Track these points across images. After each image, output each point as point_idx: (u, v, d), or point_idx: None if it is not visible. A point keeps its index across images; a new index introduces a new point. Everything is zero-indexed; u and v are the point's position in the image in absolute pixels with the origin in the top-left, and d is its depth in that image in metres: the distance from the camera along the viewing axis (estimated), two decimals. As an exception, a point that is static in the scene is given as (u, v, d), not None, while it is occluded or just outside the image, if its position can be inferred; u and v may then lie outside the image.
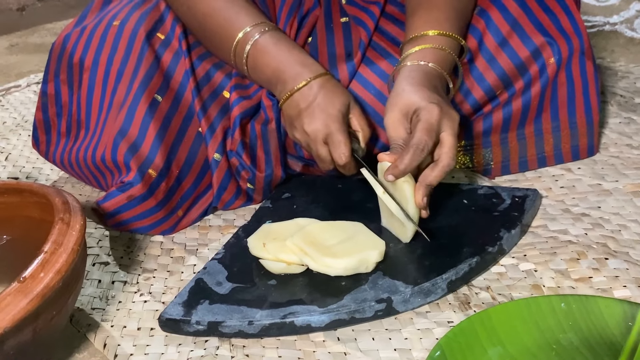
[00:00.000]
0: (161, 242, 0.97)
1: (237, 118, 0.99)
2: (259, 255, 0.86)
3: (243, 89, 1.01)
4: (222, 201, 1.01)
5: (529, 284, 0.84)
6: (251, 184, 1.01)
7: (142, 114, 0.96)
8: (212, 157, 0.98)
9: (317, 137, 0.92)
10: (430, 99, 0.87)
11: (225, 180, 0.99)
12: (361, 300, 0.80)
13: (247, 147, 0.99)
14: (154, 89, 0.97)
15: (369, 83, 1.01)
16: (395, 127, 0.89)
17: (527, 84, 1.02)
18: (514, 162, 1.06)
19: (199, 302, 0.82)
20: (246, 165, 0.99)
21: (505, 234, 0.88)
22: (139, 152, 0.95)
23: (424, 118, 0.86)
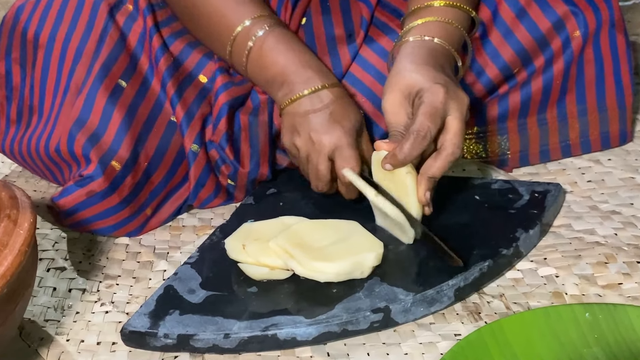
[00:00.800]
0: (126, 244, 0.97)
1: (224, 106, 0.98)
2: (238, 258, 0.86)
3: (230, 74, 1.00)
4: (199, 199, 1.00)
5: (549, 291, 0.84)
6: (232, 180, 1.00)
7: (103, 101, 0.95)
8: (189, 149, 0.97)
9: (323, 149, 0.91)
10: (434, 79, 0.87)
11: (203, 175, 0.99)
12: (355, 309, 0.79)
13: (231, 139, 0.98)
14: (117, 74, 0.96)
15: (368, 63, 1.00)
16: (394, 111, 0.88)
17: (548, 61, 1.02)
18: (533, 151, 1.05)
19: (168, 312, 0.81)
20: (228, 160, 0.98)
21: (523, 235, 0.88)
22: (101, 143, 0.94)
23: (427, 100, 0.85)
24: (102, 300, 0.88)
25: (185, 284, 0.85)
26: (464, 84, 1.00)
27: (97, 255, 0.95)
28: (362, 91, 1.00)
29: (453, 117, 0.86)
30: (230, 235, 0.89)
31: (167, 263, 0.93)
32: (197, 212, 1.03)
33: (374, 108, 1.00)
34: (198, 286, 0.85)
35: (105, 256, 0.95)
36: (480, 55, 1.01)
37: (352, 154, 0.91)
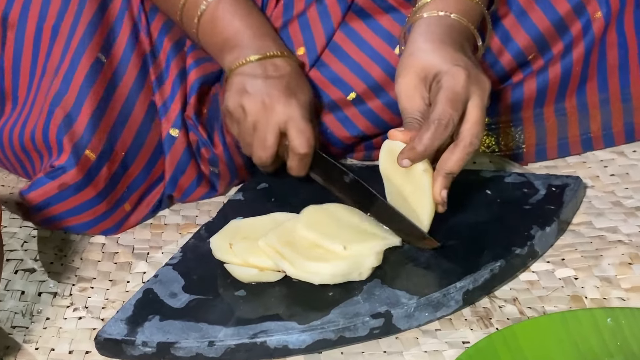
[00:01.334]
0: (103, 244, 0.97)
1: (195, 83, 0.98)
2: (224, 259, 0.86)
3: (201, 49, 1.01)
4: (179, 188, 1.00)
5: (567, 294, 0.84)
6: (213, 166, 1.00)
7: (82, 76, 0.95)
8: (166, 133, 0.98)
9: (275, 117, 0.92)
10: (454, 61, 0.86)
11: (183, 161, 0.99)
12: (353, 314, 0.79)
13: (202, 116, 0.99)
14: (97, 46, 0.96)
15: (364, 41, 1.00)
16: (409, 96, 0.87)
17: (567, 46, 1.01)
18: (551, 144, 1.05)
19: (147, 318, 0.81)
20: (203, 139, 0.99)
21: (538, 232, 0.88)
22: (74, 127, 0.94)
23: (447, 85, 0.84)
24: (75, 305, 0.87)
25: (167, 287, 0.85)
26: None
27: (70, 255, 0.94)
28: (357, 72, 1.00)
29: (473, 104, 0.85)
30: (216, 233, 0.88)
31: (147, 264, 0.93)
32: (180, 208, 1.02)
33: (368, 90, 1.00)
34: (180, 289, 0.85)
35: (79, 257, 0.94)
36: (493, 40, 1.00)
37: (308, 127, 0.92)
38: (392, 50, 0.98)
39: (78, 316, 0.86)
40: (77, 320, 0.85)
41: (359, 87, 1.00)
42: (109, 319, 0.83)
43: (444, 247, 0.86)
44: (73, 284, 0.90)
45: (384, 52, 0.99)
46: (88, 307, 0.87)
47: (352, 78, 1.00)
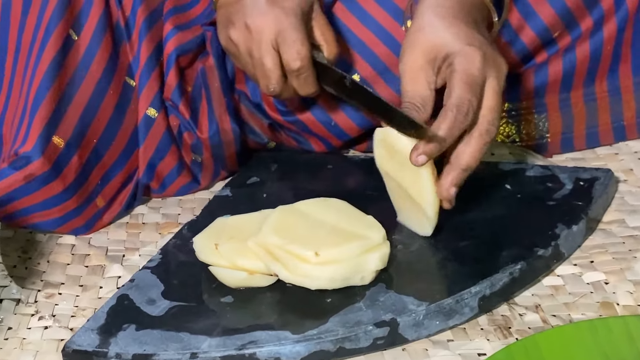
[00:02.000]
0: (72, 244, 0.97)
1: (171, 55, 0.99)
2: (209, 260, 0.86)
3: (181, 12, 1.02)
4: (157, 177, 1.01)
5: (596, 301, 0.83)
6: (196, 153, 1.01)
7: (51, 55, 0.95)
8: (143, 113, 0.98)
9: (262, 35, 0.92)
10: (468, 40, 0.86)
11: (162, 146, 1.00)
12: (354, 323, 0.79)
13: (186, 95, 0.99)
14: (68, 22, 0.96)
15: (369, 16, 1.00)
16: (413, 77, 0.87)
17: (597, 22, 1.02)
18: (579, 133, 1.05)
19: (122, 327, 0.81)
20: (185, 121, 0.99)
21: (564, 232, 0.88)
22: (40, 110, 0.94)
23: (461, 67, 0.84)
24: (40, 313, 0.87)
25: (144, 292, 0.85)
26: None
27: (36, 257, 0.95)
28: (360, 52, 1.00)
29: (489, 88, 0.85)
30: (200, 232, 0.88)
31: (122, 268, 0.93)
32: (160, 206, 1.03)
33: (374, 72, 1.00)
34: (159, 295, 0.85)
35: (45, 259, 0.95)
36: (513, 15, 1.00)
37: (298, 37, 0.91)
38: (399, 27, 0.99)
39: (44, 325, 0.86)
40: (43, 330, 0.85)
41: (364, 69, 1.00)
42: (78, 328, 0.83)
43: (458, 248, 0.86)
44: (39, 289, 0.90)
45: (391, 29, 0.99)
46: (55, 316, 0.87)
47: (355, 58, 1.00)
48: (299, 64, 0.92)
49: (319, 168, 1.03)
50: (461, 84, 0.84)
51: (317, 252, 0.81)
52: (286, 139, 1.06)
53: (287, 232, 0.83)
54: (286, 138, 1.06)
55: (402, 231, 0.90)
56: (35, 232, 0.97)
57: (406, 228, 0.90)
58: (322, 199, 0.88)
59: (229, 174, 1.05)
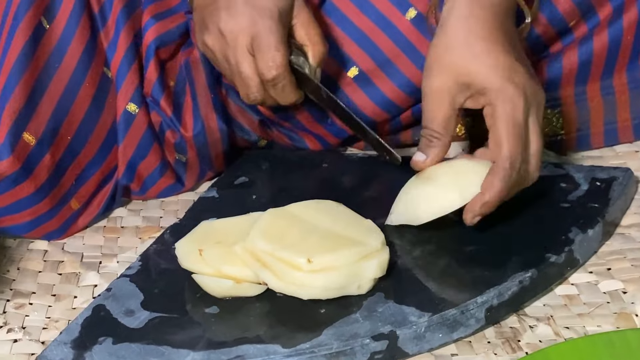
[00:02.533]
0: (44, 250, 0.97)
1: (150, 46, 1.00)
2: (193, 268, 0.86)
3: (161, 1, 1.02)
4: (137, 178, 1.01)
5: (613, 311, 0.84)
6: (180, 153, 1.01)
7: (21, 44, 0.95)
8: (123, 109, 0.98)
9: (237, 40, 0.92)
10: (508, 74, 0.86)
11: (143, 144, 1.00)
12: (350, 336, 0.79)
13: (168, 90, 1.00)
14: (39, 9, 0.96)
15: (369, 4, 1.00)
16: (439, 98, 0.87)
17: (617, 10, 1.02)
18: (596, 130, 1.06)
19: (97, 340, 0.81)
20: (167, 118, 1.00)
21: (579, 236, 0.88)
22: (10, 103, 0.94)
23: (506, 114, 0.85)
24: (9, 325, 0.87)
25: (122, 302, 0.85)
26: None
27: (5, 264, 0.94)
28: (359, 41, 1.00)
29: (533, 132, 0.87)
30: (184, 237, 0.88)
31: (99, 276, 0.93)
32: (140, 207, 1.03)
33: (374, 65, 1.00)
34: (139, 306, 0.85)
35: (15, 266, 0.95)
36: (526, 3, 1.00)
37: (272, 41, 0.90)
38: (402, 16, 0.99)
39: (13, 338, 0.85)
40: (12, 343, 0.85)
41: (363, 62, 1.01)
42: (50, 341, 0.83)
43: (464, 253, 0.86)
44: (7, 299, 0.90)
45: (393, 17, 1.00)
46: (25, 328, 0.87)
47: (354, 49, 1.01)
48: (273, 73, 0.91)
49: (313, 167, 1.03)
50: (510, 137, 0.84)
51: (309, 259, 0.81)
52: (278, 137, 1.07)
53: (278, 237, 0.83)
54: (278, 135, 1.06)
55: (403, 236, 0.90)
56: (3, 236, 0.97)
57: (408, 232, 0.90)
58: (316, 201, 0.89)
59: (215, 174, 1.06)
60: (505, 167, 0.85)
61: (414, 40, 0.99)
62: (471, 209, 0.85)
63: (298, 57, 0.94)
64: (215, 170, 1.05)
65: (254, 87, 0.93)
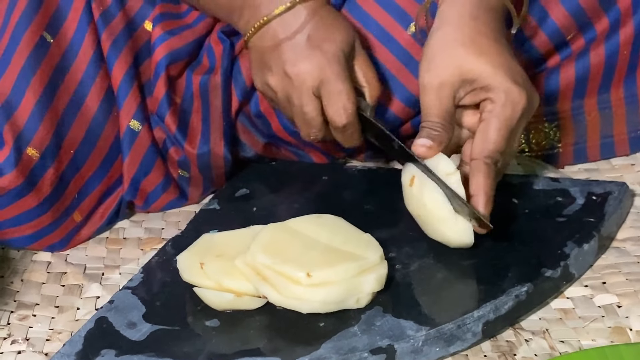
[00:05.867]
0: (49, 262, 0.97)
1: (161, 62, 0.99)
2: (194, 281, 0.86)
3: (173, 19, 1.02)
4: (141, 194, 1.01)
5: (607, 326, 0.84)
6: (183, 170, 1.01)
7: (23, 58, 0.95)
8: (126, 125, 0.98)
9: (304, 84, 0.92)
10: (513, 76, 0.87)
11: (147, 160, 1.00)
12: (348, 349, 0.79)
13: (174, 106, 0.99)
14: (41, 24, 0.97)
15: (369, 17, 1.00)
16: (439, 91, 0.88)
17: (613, 24, 1.02)
18: (592, 143, 1.06)
19: (100, 352, 0.81)
20: (171, 136, 1.00)
21: (575, 251, 0.88)
22: (14, 118, 0.94)
23: (503, 114, 0.86)
24: (13, 337, 0.87)
25: (124, 315, 0.85)
26: None
27: (9, 276, 0.95)
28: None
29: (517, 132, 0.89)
30: (185, 250, 0.88)
31: (102, 287, 0.93)
32: (142, 219, 1.03)
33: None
34: (141, 318, 0.85)
35: (19, 278, 0.95)
36: (525, 15, 1.01)
37: (342, 88, 0.91)
38: (403, 30, 0.99)
39: (17, 350, 0.86)
40: (16, 355, 0.85)
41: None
42: (54, 353, 0.83)
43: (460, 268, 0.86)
44: (11, 311, 0.90)
45: (395, 32, 0.99)
46: (29, 339, 0.87)
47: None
48: (345, 121, 0.92)
49: (313, 180, 1.03)
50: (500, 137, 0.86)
51: (309, 273, 0.81)
52: (285, 154, 1.07)
53: (278, 251, 0.84)
54: (285, 153, 1.07)
55: (401, 249, 0.90)
56: (7, 248, 0.97)
57: (406, 245, 0.90)
58: (315, 215, 0.89)
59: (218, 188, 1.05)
60: (488, 162, 0.86)
61: (415, 54, 0.98)
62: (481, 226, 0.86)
63: (360, 99, 0.94)
64: (217, 186, 1.05)
65: (317, 127, 0.94)
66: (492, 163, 0.86)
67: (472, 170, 0.86)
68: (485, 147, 0.86)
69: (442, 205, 0.86)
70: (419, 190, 0.88)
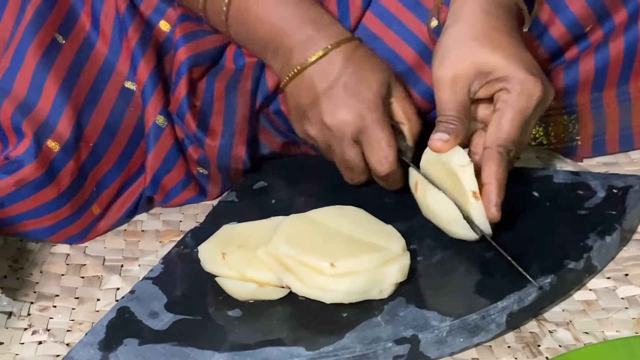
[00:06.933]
0: (67, 254, 0.97)
1: (183, 65, 0.99)
2: (216, 271, 0.86)
3: (193, 22, 1.02)
4: (162, 189, 1.01)
5: (631, 317, 0.84)
6: (203, 167, 1.02)
7: (35, 60, 0.96)
8: (152, 121, 0.99)
9: (344, 134, 0.93)
10: (529, 67, 0.88)
11: (170, 157, 1.00)
12: (372, 339, 0.79)
13: (194, 107, 1.00)
14: (53, 25, 0.97)
15: (389, 13, 1.00)
16: (454, 83, 0.89)
17: (632, 15, 1.02)
18: (612, 136, 1.06)
19: (122, 341, 0.81)
20: (190, 134, 1.00)
21: (597, 243, 0.88)
22: (34, 113, 0.95)
23: (518, 104, 0.87)
24: (34, 327, 0.87)
25: (146, 305, 0.86)
26: None
27: (28, 267, 0.95)
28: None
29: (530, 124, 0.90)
30: (206, 240, 0.89)
31: (121, 279, 0.93)
32: (160, 212, 1.03)
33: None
34: (162, 308, 0.85)
35: (38, 269, 0.95)
36: (541, 8, 1.01)
37: (382, 136, 0.92)
38: (422, 25, 0.99)
39: (38, 340, 0.86)
40: (37, 345, 0.85)
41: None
42: (75, 343, 0.83)
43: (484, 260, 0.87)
44: (32, 302, 0.91)
45: (415, 28, 1.00)
46: (50, 330, 0.87)
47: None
48: (387, 170, 0.92)
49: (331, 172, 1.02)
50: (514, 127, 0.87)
51: (332, 263, 0.82)
52: (304, 150, 1.07)
53: (300, 242, 0.84)
54: (304, 150, 1.07)
55: (423, 241, 0.90)
56: (26, 240, 0.98)
57: (428, 237, 0.90)
58: (337, 207, 0.89)
59: (235, 183, 1.06)
60: (501, 151, 0.86)
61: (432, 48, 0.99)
62: (488, 204, 0.85)
63: (399, 141, 0.94)
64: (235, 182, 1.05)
65: (360, 172, 0.95)
66: (505, 152, 0.87)
67: (484, 159, 0.87)
68: (499, 136, 0.87)
69: (447, 208, 0.87)
70: (423, 195, 0.89)
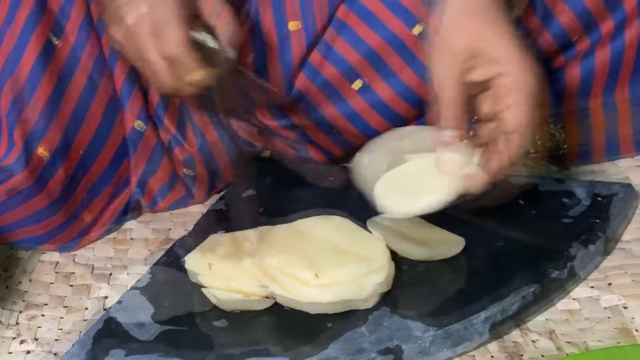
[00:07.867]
0: (56, 262, 0.98)
1: None
2: (202, 281, 0.86)
3: None
4: (148, 192, 1.02)
5: (613, 326, 0.84)
6: (189, 169, 1.02)
7: (32, 58, 0.96)
8: (131, 126, 0.99)
9: (139, 28, 0.88)
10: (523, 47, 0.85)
11: (153, 159, 1.00)
12: (356, 350, 0.80)
13: (172, 107, 1.00)
14: (47, 26, 0.97)
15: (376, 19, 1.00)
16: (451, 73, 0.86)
17: (618, 25, 1.02)
18: (598, 144, 1.06)
19: (109, 352, 0.82)
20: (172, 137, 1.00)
21: (580, 251, 0.88)
22: (24, 115, 0.94)
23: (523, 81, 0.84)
24: (22, 337, 0.88)
25: (133, 315, 0.86)
26: None
27: (17, 276, 0.95)
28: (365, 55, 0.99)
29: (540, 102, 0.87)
30: (193, 250, 0.89)
31: (110, 287, 0.94)
32: (150, 220, 1.03)
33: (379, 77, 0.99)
34: (149, 318, 0.85)
35: (27, 277, 0.95)
36: (530, 17, 1.01)
37: (171, 20, 0.87)
38: (409, 32, 0.99)
39: (26, 350, 0.86)
40: (25, 354, 0.86)
41: (368, 74, 1.01)
42: (63, 353, 0.83)
43: (467, 269, 0.87)
44: (20, 310, 0.91)
45: (401, 33, 0.99)
46: (38, 339, 0.87)
47: (360, 62, 1.00)
48: (173, 50, 0.87)
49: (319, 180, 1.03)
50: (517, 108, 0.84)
51: (317, 274, 0.82)
52: (282, 147, 1.07)
53: (286, 252, 0.84)
54: (282, 146, 1.07)
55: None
56: (16, 248, 0.98)
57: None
58: (323, 216, 0.90)
59: (224, 187, 1.06)
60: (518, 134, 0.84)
61: (418, 52, 0.98)
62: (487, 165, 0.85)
63: (204, 35, 0.90)
64: (224, 182, 1.05)
65: (162, 72, 0.89)
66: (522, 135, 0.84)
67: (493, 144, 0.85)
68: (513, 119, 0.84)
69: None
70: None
